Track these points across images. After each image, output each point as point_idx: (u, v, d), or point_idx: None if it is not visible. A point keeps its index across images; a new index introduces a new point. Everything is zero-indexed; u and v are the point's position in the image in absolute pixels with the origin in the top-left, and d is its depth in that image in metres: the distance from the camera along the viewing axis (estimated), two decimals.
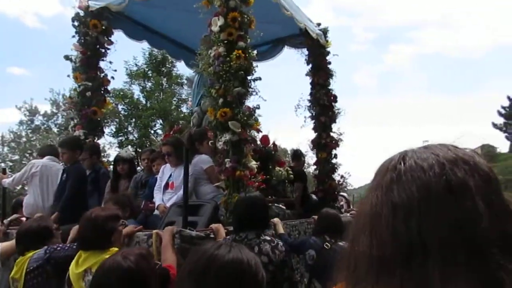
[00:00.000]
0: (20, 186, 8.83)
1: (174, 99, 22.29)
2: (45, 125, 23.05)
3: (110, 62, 5.68)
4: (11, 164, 21.13)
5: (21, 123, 22.71)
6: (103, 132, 5.82)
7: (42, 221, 3.28)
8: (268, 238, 2.92)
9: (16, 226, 4.43)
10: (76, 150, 4.86)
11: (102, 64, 5.66)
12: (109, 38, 5.73)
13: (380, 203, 0.66)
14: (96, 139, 5.50)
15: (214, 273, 1.33)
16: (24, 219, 4.60)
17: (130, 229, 3.33)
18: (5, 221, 4.49)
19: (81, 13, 5.57)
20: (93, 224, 2.63)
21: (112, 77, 5.72)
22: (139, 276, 1.88)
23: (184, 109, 22.15)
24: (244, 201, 3.15)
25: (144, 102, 21.76)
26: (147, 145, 20.02)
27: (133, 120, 21.20)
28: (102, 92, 5.62)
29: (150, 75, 21.56)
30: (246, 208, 3.04)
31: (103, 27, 5.54)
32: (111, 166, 5.55)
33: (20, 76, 38.45)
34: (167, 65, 21.41)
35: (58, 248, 2.93)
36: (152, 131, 21.68)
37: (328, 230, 3.54)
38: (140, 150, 18.48)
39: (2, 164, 21.37)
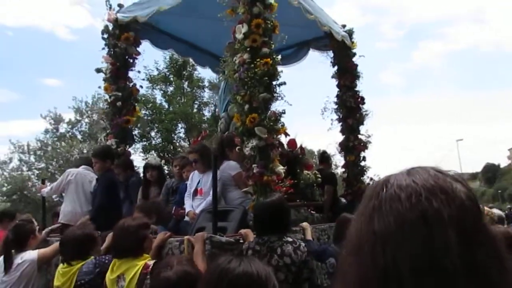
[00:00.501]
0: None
1: (196, 102, 22.31)
2: (70, 133, 23.31)
3: (139, 72, 5.85)
4: (37, 172, 21.62)
5: (46, 131, 23.03)
6: (134, 140, 5.98)
7: (85, 228, 3.34)
8: (290, 239, 2.95)
9: (55, 233, 4.61)
10: (106, 160, 4.99)
11: (130, 74, 5.82)
12: (137, 48, 5.89)
13: (363, 230, 0.71)
14: (128, 147, 5.65)
15: (226, 286, 1.45)
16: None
17: (161, 236, 3.41)
18: (47, 229, 4.66)
19: (110, 25, 5.74)
20: (125, 233, 2.75)
21: (141, 86, 5.89)
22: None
23: (206, 112, 22.23)
24: (263, 205, 3.17)
25: (166, 106, 21.82)
26: (171, 149, 20.19)
27: (156, 125, 21.28)
28: (131, 101, 5.77)
29: (172, 79, 21.57)
30: (266, 212, 3.07)
31: (132, 38, 5.70)
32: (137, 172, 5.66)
33: (53, 86, 39.99)
34: (188, 69, 21.35)
35: (106, 261, 2.94)
36: (175, 136, 21.74)
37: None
38: (162, 155, 18.71)
39: (29, 172, 21.74)
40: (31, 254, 3.60)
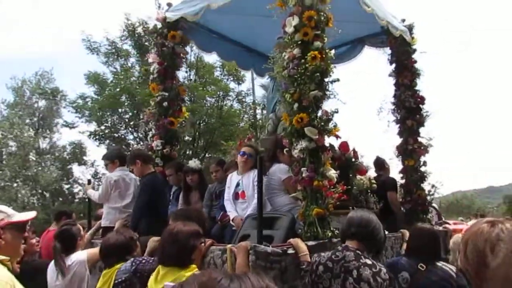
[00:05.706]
0: None
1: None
2: (5, 116, 19.94)
3: (186, 72, 5.71)
4: None
5: None
6: (179, 142, 5.83)
7: (126, 233, 3.35)
8: (369, 262, 2.55)
9: (98, 236, 4.56)
10: (149, 163, 4.75)
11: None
12: (185, 47, 5.78)
13: None
14: (173, 149, 5.50)
15: None
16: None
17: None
18: (90, 231, 4.60)
19: (159, 25, 5.67)
20: (174, 240, 2.55)
21: (188, 87, 5.75)
22: None
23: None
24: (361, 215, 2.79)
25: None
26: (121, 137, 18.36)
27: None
28: (178, 101, 5.65)
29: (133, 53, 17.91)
30: (357, 221, 2.71)
31: (179, 37, 5.58)
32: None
33: None
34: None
35: (144, 261, 2.93)
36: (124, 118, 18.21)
37: (423, 250, 3.11)
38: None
39: None
40: (80, 255, 3.55)
